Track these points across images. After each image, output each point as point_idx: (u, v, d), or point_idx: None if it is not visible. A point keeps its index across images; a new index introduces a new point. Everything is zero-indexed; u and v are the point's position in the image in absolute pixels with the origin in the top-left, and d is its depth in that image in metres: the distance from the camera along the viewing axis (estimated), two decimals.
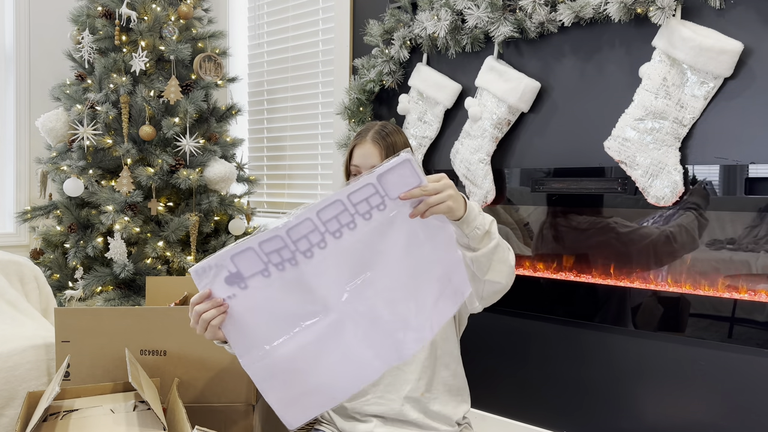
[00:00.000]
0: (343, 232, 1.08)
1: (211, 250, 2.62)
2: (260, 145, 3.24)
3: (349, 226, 1.08)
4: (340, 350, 1.13)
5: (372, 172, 1.04)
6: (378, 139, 1.40)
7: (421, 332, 1.17)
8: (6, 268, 1.94)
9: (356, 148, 1.42)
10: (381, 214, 1.08)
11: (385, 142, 1.40)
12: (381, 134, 1.41)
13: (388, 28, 2.27)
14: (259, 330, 1.11)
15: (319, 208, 1.05)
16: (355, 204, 1.07)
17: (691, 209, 1.67)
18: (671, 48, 1.64)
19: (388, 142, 1.40)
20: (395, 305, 1.14)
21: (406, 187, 1.05)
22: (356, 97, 2.34)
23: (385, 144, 1.40)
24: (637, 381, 1.79)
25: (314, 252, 1.08)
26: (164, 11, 2.58)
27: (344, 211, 1.07)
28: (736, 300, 1.60)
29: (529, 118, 2.00)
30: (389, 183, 1.06)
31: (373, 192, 1.06)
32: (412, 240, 1.12)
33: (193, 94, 2.57)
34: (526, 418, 2.02)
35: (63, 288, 2.50)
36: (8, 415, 1.51)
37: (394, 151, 1.39)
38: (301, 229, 1.06)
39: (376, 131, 1.42)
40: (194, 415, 1.32)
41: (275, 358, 1.12)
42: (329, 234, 1.07)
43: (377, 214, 1.08)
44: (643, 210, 1.76)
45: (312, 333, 1.12)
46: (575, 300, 1.89)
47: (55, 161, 2.57)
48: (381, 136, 1.41)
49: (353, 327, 1.13)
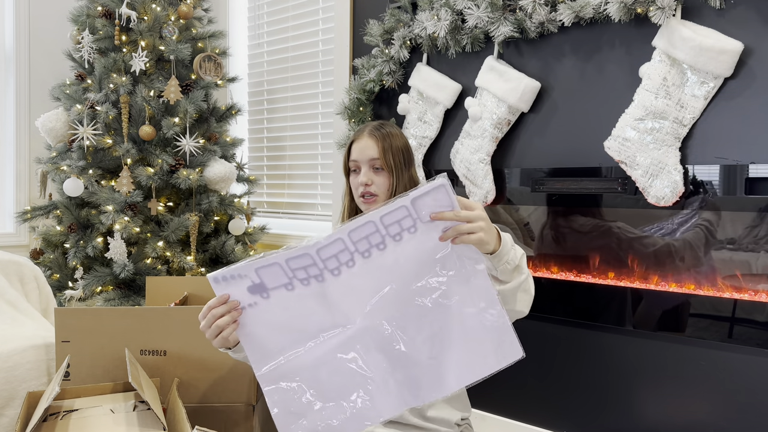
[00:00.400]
0: (372, 252, 1.09)
1: (210, 250, 2.62)
2: (260, 145, 3.24)
3: (379, 246, 1.09)
4: (354, 372, 1.11)
5: (407, 195, 1.05)
6: (374, 131, 1.42)
7: (439, 377, 1.11)
8: (6, 268, 1.94)
9: (354, 144, 1.43)
10: (412, 237, 1.08)
11: (381, 134, 1.41)
12: (377, 127, 1.43)
13: (388, 28, 2.27)
14: (277, 340, 1.11)
15: (351, 228, 1.07)
16: (387, 226, 1.08)
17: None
18: (671, 48, 1.64)
19: (384, 133, 1.41)
20: (414, 336, 1.11)
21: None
22: (356, 97, 2.34)
23: (381, 135, 1.41)
24: (637, 381, 1.79)
25: (342, 270, 1.10)
26: (164, 11, 2.58)
27: (375, 232, 1.08)
28: (736, 300, 1.60)
29: (529, 118, 2.00)
30: (422, 207, 1.06)
31: (405, 214, 1.06)
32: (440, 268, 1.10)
33: (193, 94, 2.57)
34: (526, 418, 2.02)
35: (63, 288, 2.50)
36: (8, 415, 1.51)
37: (392, 143, 1.40)
38: (331, 249, 1.08)
39: (373, 126, 1.44)
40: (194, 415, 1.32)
41: (289, 369, 1.11)
42: (358, 254, 1.09)
43: (408, 236, 1.08)
44: (643, 210, 1.76)
45: (329, 347, 1.11)
46: (575, 300, 1.89)
47: (55, 161, 2.57)
48: (377, 128, 1.43)
49: (368, 345, 1.11)
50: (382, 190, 1.40)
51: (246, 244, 2.75)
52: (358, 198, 1.43)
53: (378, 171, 1.40)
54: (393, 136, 1.42)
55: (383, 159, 1.38)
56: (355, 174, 1.43)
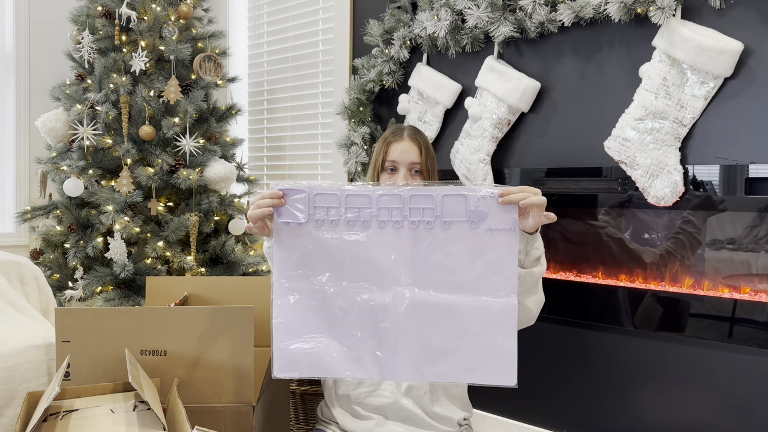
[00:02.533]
0: (420, 227, 1.16)
1: (210, 250, 2.62)
2: (260, 145, 3.24)
3: (428, 225, 1.17)
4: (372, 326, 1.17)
5: (476, 189, 1.13)
6: (416, 136, 1.48)
7: (431, 362, 1.16)
8: (6, 268, 1.94)
9: (393, 144, 1.46)
10: (461, 230, 1.15)
11: (422, 139, 1.48)
12: (416, 132, 1.49)
13: (388, 28, 2.27)
14: (311, 259, 1.19)
15: (414, 193, 1.15)
16: (444, 208, 1.15)
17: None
18: (671, 48, 1.64)
19: (423, 139, 1.49)
20: (435, 321, 1.16)
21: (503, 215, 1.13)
22: (356, 97, 2.34)
23: (422, 141, 1.48)
24: (637, 381, 1.79)
25: (387, 226, 1.17)
26: (164, 11, 2.58)
27: (431, 208, 1.16)
28: (736, 300, 1.60)
29: (529, 118, 2.00)
30: (485, 205, 1.14)
31: (463, 207, 1.15)
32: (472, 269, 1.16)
33: (193, 94, 2.57)
34: (526, 418, 2.02)
35: (63, 288, 2.50)
36: (8, 415, 1.50)
37: (428, 151, 1.47)
38: (389, 201, 1.16)
39: (412, 130, 1.49)
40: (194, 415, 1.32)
41: (305, 288, 1.19)
42: (407, 221, 1.16)
43: (456, 227, 1.15)
44: (642, 210, 1.76)
45: (354, 293, 1.18)
46: (575, 300, 1.89)
47: (55, 161, 2.57)
48: (417, 132, 1.49)
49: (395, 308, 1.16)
50: None
51: (246, 244, 2.75)
52: None
53: (415, 175, 1.46)
54: (429, 145, 1.50)
55: (425, 164, 1.45)
56: (390, 174, 1.47)
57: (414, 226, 1.16)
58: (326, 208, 1.18)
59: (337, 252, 1.18)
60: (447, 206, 1.16)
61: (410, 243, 1.16)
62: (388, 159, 1.46)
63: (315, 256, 1.19)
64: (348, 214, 1.17)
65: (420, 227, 1.16)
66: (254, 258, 2.70)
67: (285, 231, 1.18)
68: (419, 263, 1.16)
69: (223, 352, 1.42)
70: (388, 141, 1.48)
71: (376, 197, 1.16)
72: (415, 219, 1.16)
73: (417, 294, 1.15)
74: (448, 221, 1.16)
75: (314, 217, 1.18)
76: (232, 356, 1.42)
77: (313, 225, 1.18)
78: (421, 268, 1.16)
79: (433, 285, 1.16)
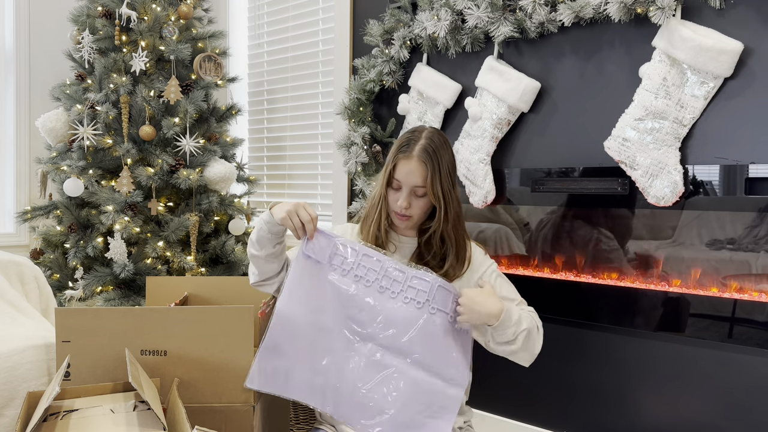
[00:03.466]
0: (385, 293, 1.35)
1: (210, 250, 2.62)
2: (260, 145, 3.24)
3: (392, 294, 1.34)
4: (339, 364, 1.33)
5: (437, 278, 1.36)
6: (424, 156, 1.38)
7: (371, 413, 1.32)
8: (6, 268, 1.94)
9: (401, 162, 1.40)
10: (418, 311, 1.34)
11: (430, 158, 1.38)
12: (428, 151, 1.39)
13: (388, 28, 2.27)
14: (311, 295, 1.34)
15: (395, 265, 1.37)
16: (409, 286, 1.35)
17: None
18: (671, 48, 1.64)
19: (434, 158, 1.39)
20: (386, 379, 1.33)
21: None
22: (356, 97, 2.34)
23: (431, 160, 1.38)
24: (636, 381, 1.79)
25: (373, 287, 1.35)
26: (164, 11, 2.58)
27: (401, 282, 1.35)
28: (736, 300, 1.60)
29: (529, 118, 2.00)
30: (440, 296, 1.34)
31: (426, 289, 1.34)
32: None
33: (193, 94, 2.57)
34: (526, 418, 2.02)
35: (63, 288, 2.50)
36: (8, 415, 1.51)
37: (440, 169, 1.39)
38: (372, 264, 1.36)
39: (423, 147, 1.39)
40: (194, 415, 1.32)
41: (304, 323, 1.33)
42: (378, 284, 1.35)
43: (415, 307, 1.34)
44: (642, 210, 1.76)
45: (336, 335, 1.34)
46: (575, 300, 1.89)
47: (55, 161, 2.57)
48: (426, 150, 1.39)
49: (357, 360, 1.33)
50: (418, 214, 1.44)
51: (246, 244, 2.75)
52: (392, 211, 1.45)
53: (418, 198, 1.42)
54: (442, 159, 1.40)
55: (430, 188, 1.39)
56: (394, 191, 1.43)
57: (406, 301, 1.33)
58: (343, 258, 1.35)
59: (338, 296, 1.34)
60: (439, 296, 1.33)
61: (404, 307, 1.33)
62: (394, 176, 1.42)
63: (319, 292, 1.34)
64: (357, 271, 1.35)
65: (411, 305, 1.33)
66: None
67: (305, 262, 1.35)
68: (399, 335, 1.32)
69: (223, 352, 1.42)
70: (396, 157, 1.41)
71: (386, 268, 1.35)
72: (409, 296, 1.33)
73: (385, 355, 1.32)
74: (435, 308, 1.33)
75: (332, 261, 1.35)
76: (232, 356, 1.42)
77: (329, 267, 1.35)
78: (399, 338, 1.32)
79: (403, 354, 1.32)
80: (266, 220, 1.34)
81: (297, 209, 1.32)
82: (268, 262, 1.39)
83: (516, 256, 2.04)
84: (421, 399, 1.30)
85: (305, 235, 1.34)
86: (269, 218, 1.33)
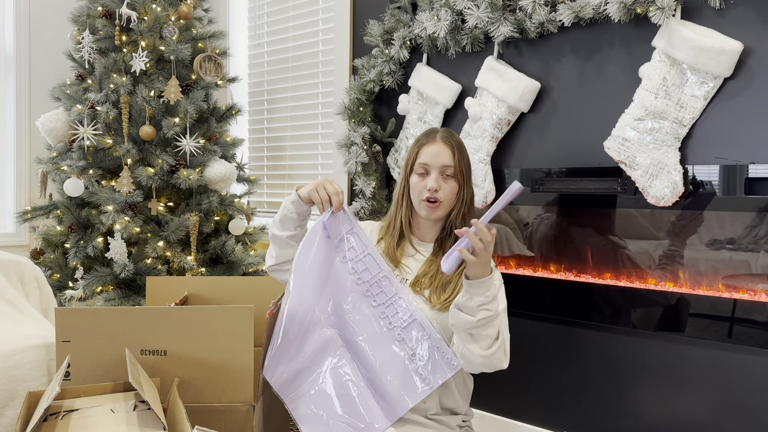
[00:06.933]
0: (372, 291, 1.39)
1: (211, 250, 2.62)
2: (260, 145, 3.24)
3: (374, 292, 1.39)
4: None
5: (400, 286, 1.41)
6: (449, 138, 1.47)
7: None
8: (6, 268, 1.94)
9: (425, 147, 1.45)
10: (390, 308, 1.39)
11: (455, 142, 1.47)
12: (450, 135, 1.48)
13: (388, 28, 2.27)
14: (315, 261, 1.40)
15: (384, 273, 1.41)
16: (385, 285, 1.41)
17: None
18: (671, 48, 1.64)
19: (458, 142, 1.48)
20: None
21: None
22: (356, 97, 2.34)
23: (455, 144, 1.46)
24: (636, 381, 1.79)
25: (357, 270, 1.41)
26: (164, 11, 2.58)
27: (386, 283, 1.40)
28: (736, 300, 1.60)
29: (529, 118, 2.00)
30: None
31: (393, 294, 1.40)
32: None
33: (193, 94, 2.58)
34: (526, 418, 2.02)
35: (63, 288, 2.50)
36: (8, 415, 1.51)
37: (462, 154, 1.47)
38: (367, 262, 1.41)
39: (445, 132, 1.49)
40: (194, 415, 1.32)
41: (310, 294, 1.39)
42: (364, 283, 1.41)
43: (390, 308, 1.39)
44: (642, 210, 1.76)
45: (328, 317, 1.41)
46: (575, 300, 1.89)
47: (56, 161, 2.57)
48: (450, 135, 1.48)
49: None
50: (448, 197, 1.44)
51: (246, 244, 2.75)
52: (419, 201, 1.44)
53: (447, 178, 1.43)
54: (463, 147, 1.48)
55: (458, 168, 1.43)
56: (421, 177, 1.44)
57: (382, 316, 1.36)
58: (351, 247, 1.39)
59: (334, 277, 1.39)
60: (412, 328, 1.35)
61: (374, 320, 1.37)
62: (418, 161, 1.44)
63: (320, 267, 1.39)
64: (356, 265, 1.38)
65: (383, 322, 1.36)
66: (254, 258, 2.70)
67: (322, 233, 1.39)
68: (364, 342, 1.37)
69: (223, 352, 1.42)
70: (420, 143, 1.46)
71: (382, 275, 1.38)
72: (386, 314, 1.36)
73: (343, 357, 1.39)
74: (402, 337, 1.35)
75: (340, 243, 1.39)
76: (232, 356, 1.42)
77: (335, 248, 1.40)
78: (361, 345, 1.37)
79: (359, 361, 1.38)
80: (292, 200, 1.42)
81: (324, 183, 1.38)
82: (288, 245, 1.46)
83: (515, 257, 2.04)
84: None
85: (331, 207, 1.39)
86: (295, 198, 1.40)
